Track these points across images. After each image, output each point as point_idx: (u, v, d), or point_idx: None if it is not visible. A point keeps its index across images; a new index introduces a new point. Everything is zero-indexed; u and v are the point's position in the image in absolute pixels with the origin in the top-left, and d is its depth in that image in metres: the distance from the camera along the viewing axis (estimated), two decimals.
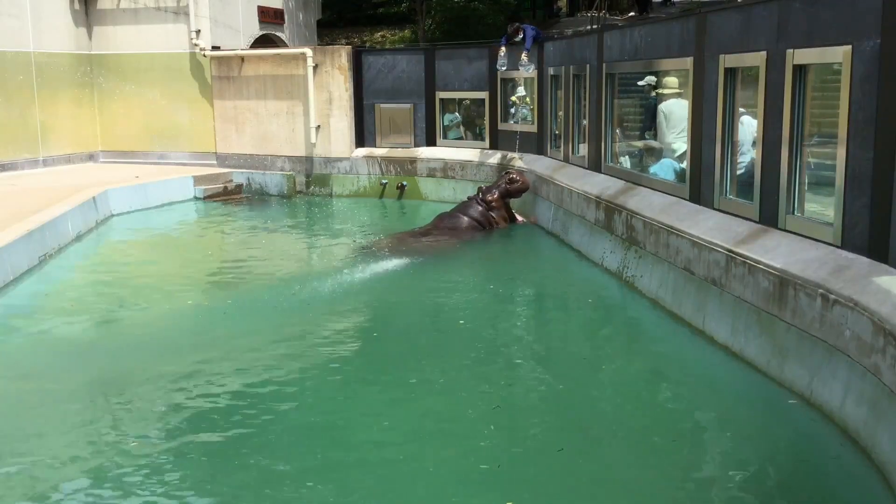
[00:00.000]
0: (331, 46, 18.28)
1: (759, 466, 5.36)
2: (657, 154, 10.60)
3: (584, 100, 12.15)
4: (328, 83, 16.78)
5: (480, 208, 13.04)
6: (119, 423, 6.14)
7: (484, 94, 16.02)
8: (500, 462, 5.43)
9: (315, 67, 16.72)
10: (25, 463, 5.54)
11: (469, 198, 13.47)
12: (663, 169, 10.01)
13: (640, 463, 5.44)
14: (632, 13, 18.33)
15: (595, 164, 11.71)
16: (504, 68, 15.10)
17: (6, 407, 6.54)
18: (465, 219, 12.95)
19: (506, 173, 13.70)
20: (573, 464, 5.40)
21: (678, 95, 9.93)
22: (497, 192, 13.15)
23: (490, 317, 9.00)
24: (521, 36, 14.64)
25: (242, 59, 17.60)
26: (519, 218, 13.59)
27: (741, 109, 8.01)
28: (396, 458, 5.56)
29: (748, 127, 7.90)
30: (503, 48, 15.01)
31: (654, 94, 10.68)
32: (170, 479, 5.27)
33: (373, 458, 5.52)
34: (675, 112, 9.91)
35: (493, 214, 13.07)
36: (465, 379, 6.96)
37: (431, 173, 16.38)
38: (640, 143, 11.38)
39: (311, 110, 16.84)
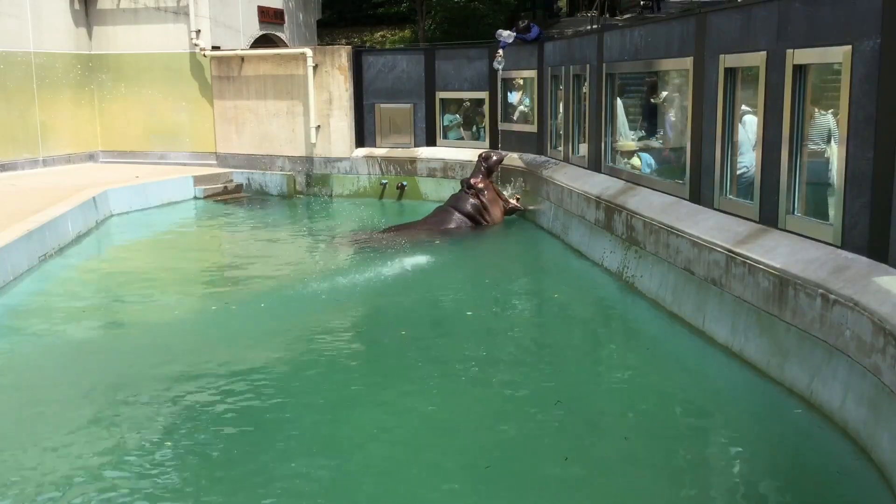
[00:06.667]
0: (331, 46, 18.28)
1: (758, 466, 5.36)
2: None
3: (584, 100, 12.15)
4: (328, 83, 16.77)
5: (472, 200, 13.22)
6: (120, 424, 6.13)
7: (484, 94, 16.02)
8: (502, 464, 5.43)
9: (315, 67, 16.72)
10: (26, 463, 5.53)
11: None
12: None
13: (640, 463, 5.43)
14: (628, 15, 18.36)
15: (595, 164, 11.71)
16: (501, 67, 15.15)
17: (6, 407, 6.54)
18: (456, 214, 13.12)
19: (479, 156, 13.97)
20: (573, 466, 5.40)
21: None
22: (480, 175, 13.49)
23: (489, 317, 9.00)
24: (532, 33, 14.67)
25: (242, 59, 17.60)
26: (512, 202, 13.76)
27: (746, 108, 7.98)
28: (399, 460, 5.56)
29: (750, 126, 7.88)
30: (501, 50, 15.04)
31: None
32: (169, 481, 5.27)
33: (375, 462, 5.51)
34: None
35: (484, 201, 13.26)
36: (465, 381, 6.96)
37: (431, 173, 16.38)
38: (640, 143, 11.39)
39: (311, 110, 16.83)
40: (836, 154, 6.61)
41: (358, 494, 5.07)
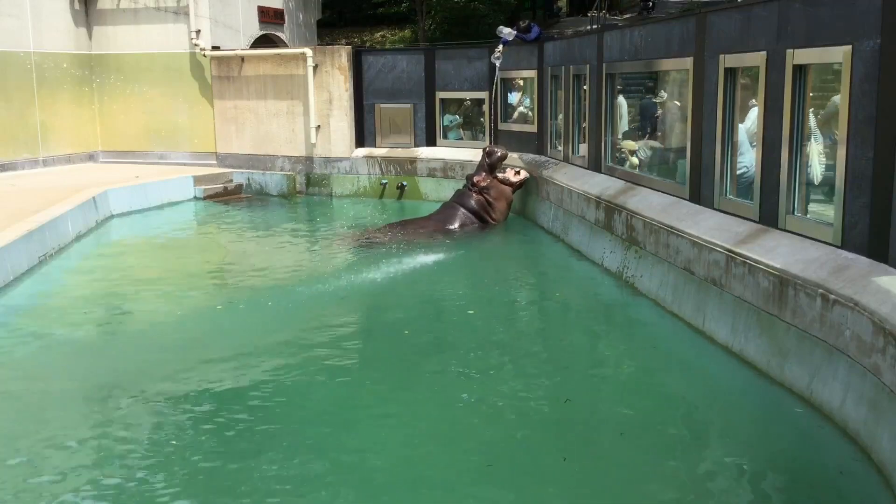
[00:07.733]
0: (331, 46, 18.27)
1: (758, 467, 5.36)
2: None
3: (584, 100, 12.15)
4: (328, 83, 16.77)
5: (476, 196, 13.22)
6: (121, 424, 6.14)
7: (484, 94, 16.02)
8: (503, 462, 5.43)
9: (315, 67, 16.72)
10: (27, 463, 5.54)
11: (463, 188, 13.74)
12: None
13: (638, 462, 5.43)
14: (628, 15, 18.39)
15: (595, 164, 11.72)
16: (499, 63, 15.17)
17: (6, 407, 6.54)
18: (461, 210, 13.14)
19: (483, 151, 13.93)
20: (572, 466, 5.40)
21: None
22: (483, 171, 13.45)
23: (491, 316, 8.99)
24: (532, 33, 14.69)
25: (242, 59, 17.60)
26: (517, 178, 13.59)
27: (755, 102, 7.93)
28: (401, 458, 5.57)
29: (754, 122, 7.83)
30: (501, 45, 15.07)
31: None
32: (170, 481, 5.27)
33: (377, 460, 5.51)
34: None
35: (488, 198, 13.23)
36: (466, 379, 6.96)
37: (431, 173, 16.39)
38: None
39: (311, 110, 16.83)
40: (816, 152, 6.61)
41: (359, 492, 5.07)
